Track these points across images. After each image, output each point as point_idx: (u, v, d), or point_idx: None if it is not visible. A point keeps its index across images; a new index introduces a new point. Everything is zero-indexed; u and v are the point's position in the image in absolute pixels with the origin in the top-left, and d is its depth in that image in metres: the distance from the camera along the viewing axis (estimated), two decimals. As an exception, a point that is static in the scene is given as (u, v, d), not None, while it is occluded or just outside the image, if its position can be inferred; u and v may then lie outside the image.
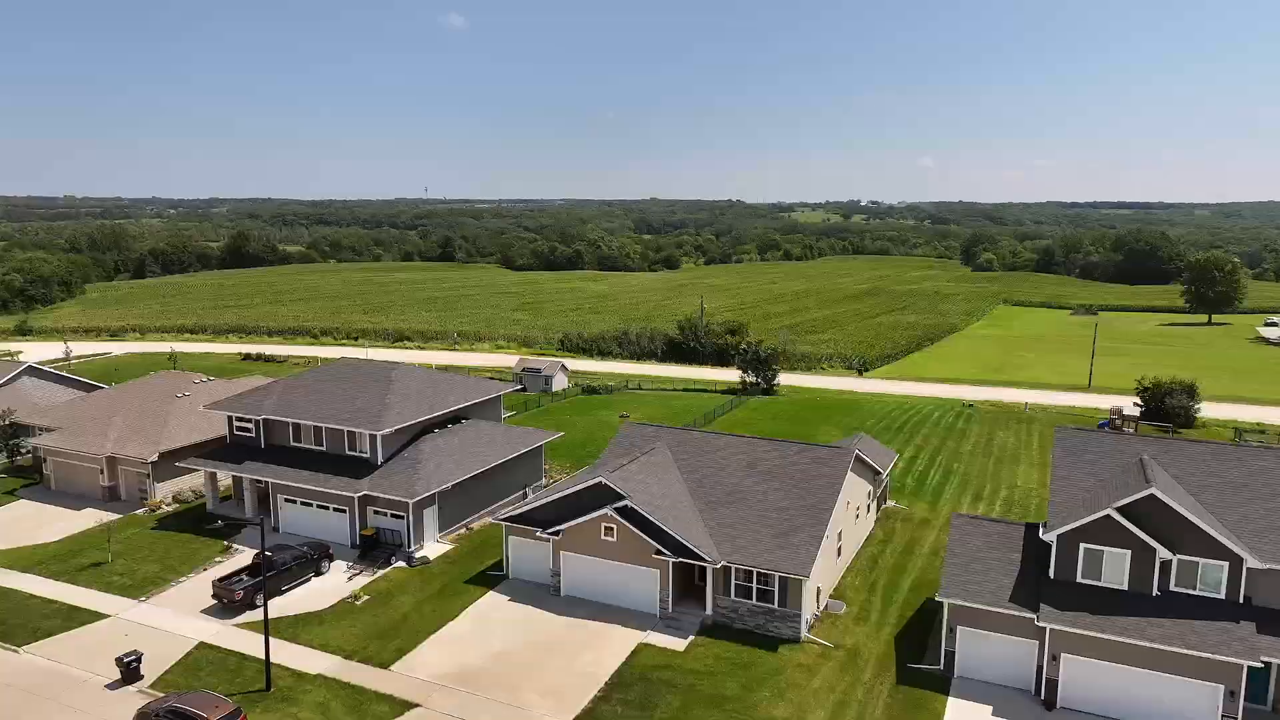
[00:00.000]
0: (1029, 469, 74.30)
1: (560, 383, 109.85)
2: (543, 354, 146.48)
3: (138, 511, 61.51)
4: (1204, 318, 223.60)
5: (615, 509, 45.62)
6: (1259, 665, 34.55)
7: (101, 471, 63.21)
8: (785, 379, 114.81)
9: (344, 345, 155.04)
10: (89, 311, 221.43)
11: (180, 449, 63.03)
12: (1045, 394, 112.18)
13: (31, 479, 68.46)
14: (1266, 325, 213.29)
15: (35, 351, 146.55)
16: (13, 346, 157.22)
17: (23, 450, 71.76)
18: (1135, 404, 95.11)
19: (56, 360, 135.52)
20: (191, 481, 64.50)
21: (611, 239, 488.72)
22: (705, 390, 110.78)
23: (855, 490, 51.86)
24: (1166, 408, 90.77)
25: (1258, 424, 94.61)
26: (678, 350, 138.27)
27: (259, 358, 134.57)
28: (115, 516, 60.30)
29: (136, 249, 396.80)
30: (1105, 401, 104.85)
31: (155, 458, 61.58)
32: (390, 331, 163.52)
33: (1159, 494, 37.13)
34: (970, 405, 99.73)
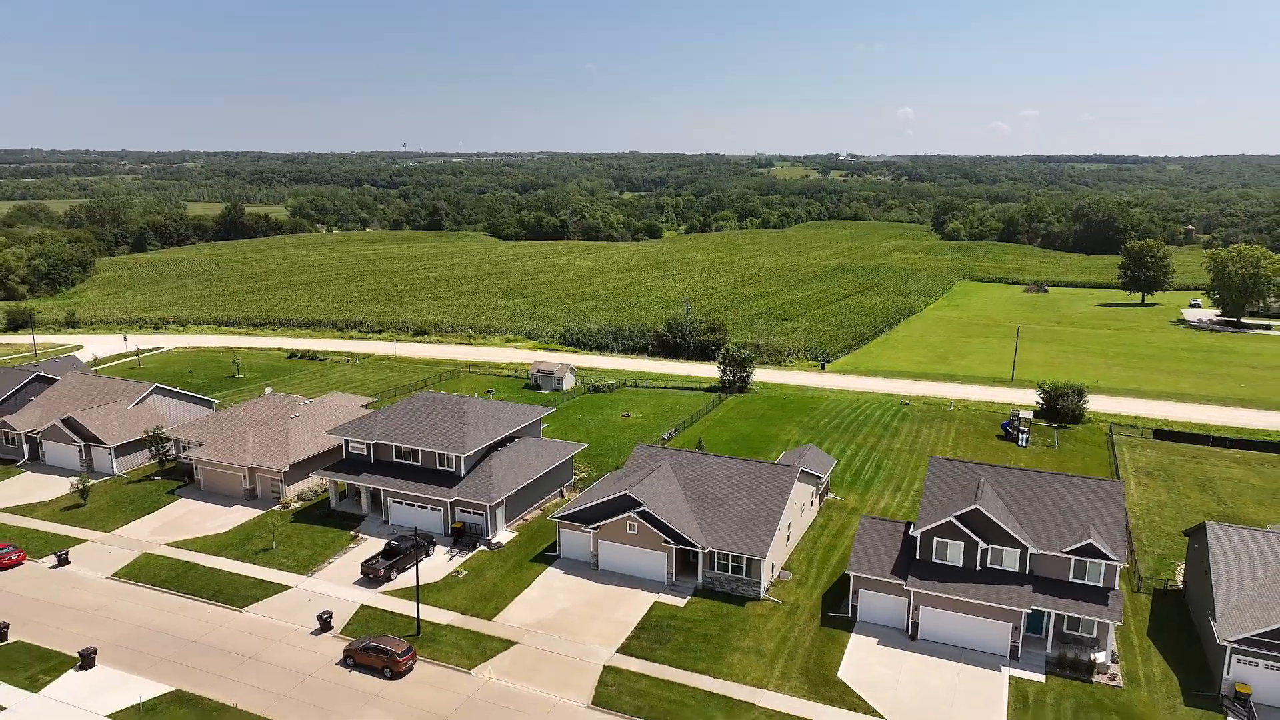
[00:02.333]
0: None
1: (569, 382, 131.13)
2: (547, 347, 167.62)
3: (274, 508, 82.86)
4: (1138, 297, 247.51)
5: (637, 512, 67.63)
6: (1029, 612, 57.33)
7: (244, 477, 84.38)
8: (758, 375, 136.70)
9: (370, 339, 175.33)
10: (115, 298, 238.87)
11: (303, 460, 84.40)
12: (973, 388, 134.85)
13: (180, 481, 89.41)
14: (1190, 306, 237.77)
15: (95, 345, 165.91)
16: (71, 340, 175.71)
17: (169, 458, 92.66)
18: (1038, 401, 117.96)
19: (123, 356, 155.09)
20: (309, 483, 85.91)
21: (595, 207, 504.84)
22: (690, 388, 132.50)
23: (800, 494, 74.06)
24: (1059, 409, 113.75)
25: (1136, 418, 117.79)
26: (665, 345, 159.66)
27: (303, 355, 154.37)
28: (259, 512, 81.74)
29: (135, 222, 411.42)
30: (1020, 397, 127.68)
31: (287, 468, 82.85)
32: (411, 325, 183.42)
33: (981, 508, 59.54)
34: (906, 403, 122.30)
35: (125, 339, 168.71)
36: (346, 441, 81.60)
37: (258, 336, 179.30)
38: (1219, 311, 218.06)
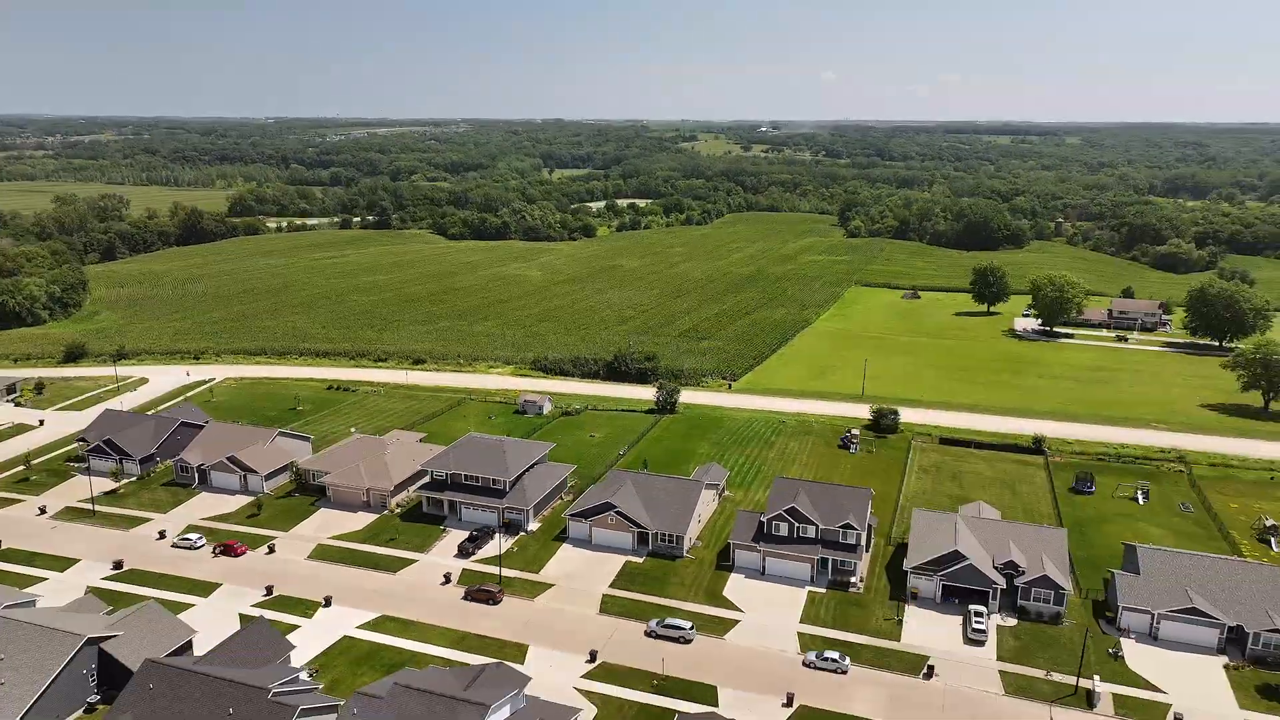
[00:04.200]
0: (800, 468, 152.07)
1: (548, 408, 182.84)
2: (522, 373, 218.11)
3: (385, 513, 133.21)
4: (984, 307, 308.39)
5: (615, 511, 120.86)
6: (819, 558, 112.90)
7: (363, 494, 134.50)
8: (683, 396, 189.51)
9: (380, 368, 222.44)
10: (134, 324, 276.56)
11: (401, 481, 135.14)
12: (833, 405, 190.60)
13: (313, 497, 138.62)
14: (1023, 315, 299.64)
15: (156, 377, 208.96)
16: (133, 371, 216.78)
17: (302, 482, 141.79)
18: (869, 417, 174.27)
19: (189, 389, 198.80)
20: (402, 495, 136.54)
21: (533, 209, 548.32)
22: (634, 410, 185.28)
23: (706, 496, 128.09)
24: (881, 424, 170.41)
25: (935, 428, 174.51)
26: (614, 371, 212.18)
27: (338, 387, 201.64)
28: (376, 516, 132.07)
29: (102, 230, 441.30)
30: (865, 412, 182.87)
31: (392, 487, 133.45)
32: (409, 354, 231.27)
33: (796, 506, 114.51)
34: (783, 421, 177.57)
35: (189, 373, 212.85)
36: (431, 470, 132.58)
37: (285, 366, 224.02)
38: (1040, 321, 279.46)
